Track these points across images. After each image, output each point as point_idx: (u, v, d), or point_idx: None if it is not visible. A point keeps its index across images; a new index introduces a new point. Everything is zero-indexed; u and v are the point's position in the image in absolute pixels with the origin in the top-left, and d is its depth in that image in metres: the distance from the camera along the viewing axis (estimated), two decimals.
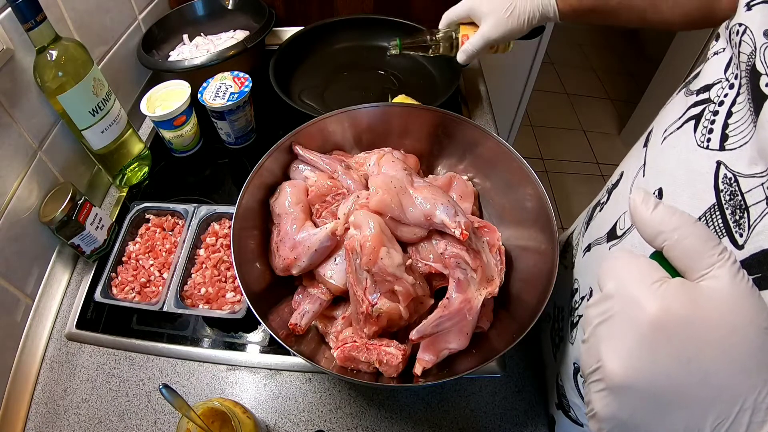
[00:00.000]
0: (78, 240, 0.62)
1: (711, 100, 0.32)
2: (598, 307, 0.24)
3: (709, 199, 0.30)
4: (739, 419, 0.21)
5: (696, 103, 0.33)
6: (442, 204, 0.47)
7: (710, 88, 0.32)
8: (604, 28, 2.88)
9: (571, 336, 0.47)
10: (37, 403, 0.57)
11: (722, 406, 0.21)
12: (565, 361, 0.47)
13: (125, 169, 0.75)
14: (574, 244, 0.52)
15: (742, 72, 0.29)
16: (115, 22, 0.81)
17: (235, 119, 0.76)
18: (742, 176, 0.28)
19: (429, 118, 0.59)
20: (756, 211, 0.27)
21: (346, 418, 0.54)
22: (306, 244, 0.49)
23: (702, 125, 0.32)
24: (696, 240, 0.23)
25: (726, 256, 0.22)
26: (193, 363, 0.59)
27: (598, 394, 0.23)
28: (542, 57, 1.57)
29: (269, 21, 0.87)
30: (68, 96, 0.61)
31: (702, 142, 0.31)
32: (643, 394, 0.22)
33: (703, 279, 0.22)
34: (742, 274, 0.22)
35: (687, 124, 0.33)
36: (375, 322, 0.46)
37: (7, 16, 0.56)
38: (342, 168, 0.55)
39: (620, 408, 0.22)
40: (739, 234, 0.27)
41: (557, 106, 2.50)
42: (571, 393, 0.46)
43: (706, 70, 0.34)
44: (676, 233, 0.23)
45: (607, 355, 0.23)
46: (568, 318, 0.48)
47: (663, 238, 0.23)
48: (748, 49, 0.28)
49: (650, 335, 0.21)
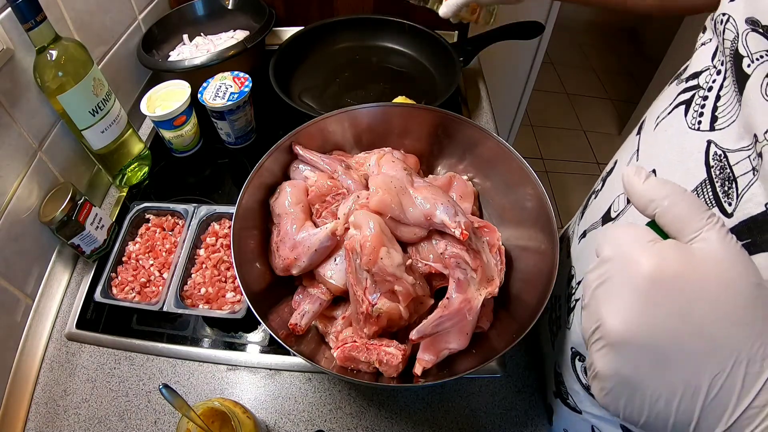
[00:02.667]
0: (78, 240, 0.62)
1: (700, 86, 0.33)
2: (596, 271, 0.25)
3: (699, 176, 0.31)
4: (735, 371, 0.21)
5: (685, 89, 0.35)
6: (442, 204, 0.47)
7: (698, 75, 0.34)
8: (604, 28, 2.88)
9: (568, 321, 0.47)
10: (37, 403, 0.57)
11: (718, 359, 0.21)
12: (563, 348, 0.47)
13: (125, 169, 0.75)
14: (570, 233, 0.52)
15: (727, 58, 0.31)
16: (115, 22, 0.81)
17: (235, 119, 0.76)
18: (730, 151, 0.29)
19: (429, 118, 0.59)
20: (743, 181, 0.28)
21: (346, 418, 0.54)
22: (306, 244, 0.49)
23: (692, 109, 0.33)
24: (686, 206, 0.24)
25: (714, 220, 0.23)
26: (193, 363, 0.59)
27: (599, 352, 0.24)
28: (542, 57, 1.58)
29: (269, 21, 0.87)
30: (68, 96, 0.61)
31: (693, 125, 0.33)
32: (642, 349, 0.23)
33: (693, 242, 0.23)
34: (731, 237, 0.23)
35: (677, 108, 0.35)
36: (375, 322, 0.46)
37: (7, 16, 0.56)
38: (342, 168, 0.55)
39: (621, 364, 0.23)
40: (728, 203, 0.29)
41: (557, 106, 2.50)
42: (569, 379, 0.46)
43: (695, 60, 0.36)
44: (666, 200, 0.24)
45: (607, 313, 0.23)
46: (566, 305, 0.48)
47: (655, 205, 0.25)
48: (731, 35, 0.30)
49: (647, 290, 0.22)
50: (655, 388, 0.23)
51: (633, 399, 0.23)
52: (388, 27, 0.94)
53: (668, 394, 0.22)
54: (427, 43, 0.91)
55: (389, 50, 0.95)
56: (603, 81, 2.65)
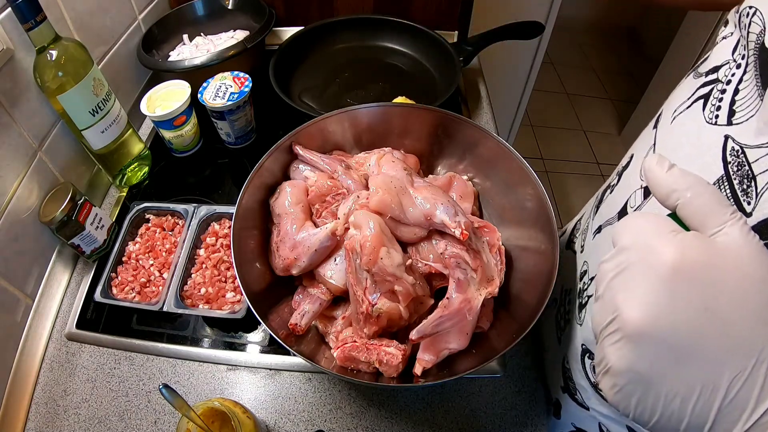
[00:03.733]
0: (78, 240, 0.62)
1: (719, 80, 0.33)
2: (614, 260, 0.24)
3: (717, 172, 0.30)
4: (755, 372, 0.20)
5: (705, 83, 0.34)
6: (442, 204, 0.47)
7: (718, 69, 0.34)
8: (604, 28, 2.88)
9: (579, 317, 0.47)
10: (37, 403, 0.57)
11: (739, 357, 0.21)
12: (573, 344, 0.47)
13: (125, 169, 0.75)
14: (583, 228, 0.52)
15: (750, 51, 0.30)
16: (115, 22, 0.81)
17: (235, 119, 0.76)
18: (748, 147, 0.29)
19: (429, 118, 0.59)
20: (763, 180, 0.27)
21: (346, 418, 0.54)
22: (306, 244, 0.49)
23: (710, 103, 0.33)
24: (709, 199, 0.23)
25: (737, 216, 0.22)
26: (193, 363, 0.59)
27: (613, 346, 0.23)
28: (542, 57, 1.58)
29: (269, 21, 0.87)
30: (68, 96, 0.61)
31: (710, 119, 0.32)
32: (661, 343, 0.21)
33: (716, 236, 0.22)
34: (753, 234, 0.22)
35: (696, 103, 0.34)
36: (375, 322, 0.46)
37: (7, 16, 0.56)
38: (342, 168, 0.55)
39: (638, 359, 0.22)
40: (746, 202, 0.28)
41: (557, 106, 2.50)
42: (577, 375, 0.46)
43: (715, 54, 0.35)
44: (689, 192, 0.23)
45: (625, 303, 0.22)
46: (576, 300, 0.48)
47: (677, 196, 0.24)
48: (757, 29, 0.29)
49: (669, 281, 0.21)
50: (671, 386, 0.21)
51: (646, 397, 0.22)
52: (388, 27, 0.94)
53: (685, 393, 0.21)
54: (427, 43, 0.91)
55: (389, 50, 0.95)
56: (603, 81, 2.65)
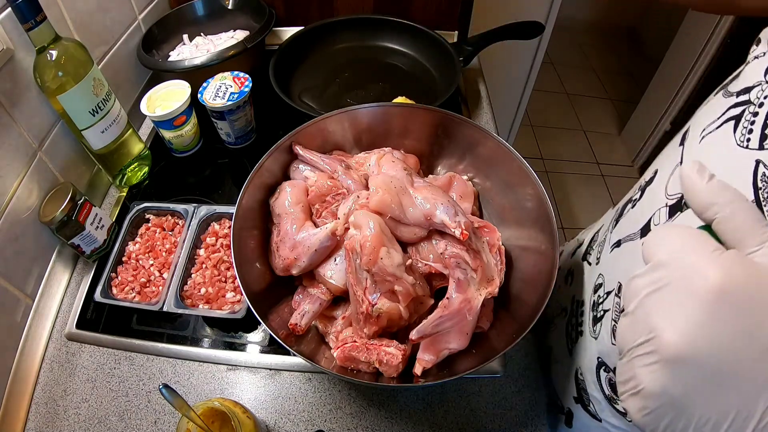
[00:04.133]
0: (78, 240, 0.62)
1: (751, 102, 0.32)
2: (648, 276, 0.23)
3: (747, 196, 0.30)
4: None
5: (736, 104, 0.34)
6: (442, 204, 0.47)
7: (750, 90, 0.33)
8: (604, 28, 2.88)
9: (593, 331, 0.46)
10: (37, 403, 0.57)
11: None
12: (587, 356, 0.47)
13: (125, 169, 0.75)
14: (600, 240, 0.51)
15: None
16: (115, 22, 0.81)
17: (235, 119, 0.76)
18: None
19: (429, 118, 0.59)
20: None
21: (346, 418, 0.54)
22: (306, 244, 0.49)
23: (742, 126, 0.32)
24: (748, 215, 0.22)
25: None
26: (193, 363, 0.59)
27: (647, 368, 0.22)
28: (542, 57, 1.58)
29: (269, 21, 0.87)
30: (68, 96, 0.61)
31: (742, 142, 0.31)
32: (700, 368, 0.21)
33: (753, 254, 0.22)
34: None
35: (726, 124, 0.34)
36: (375, 322, 0.46)
37: (7, 16, 0.56)
38: (342, 168, 0.55)
39: (673, 383, 0.21)
40: None
41: (557, 106, 2.50)
42: (591, 387, 0.46)
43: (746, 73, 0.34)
44: (728, 207, 0.23)
45: (663, 324, 0.21)
46: (590, 313, 0.48)
47: (715, 210, 0.23)
48: None
49: (713, 304, 0.21)
50: (704, 412, 0.21)
51: (677, 421, 0.22)
52: (388, 27, 0.94)
53: (717, 418, 0.21)
54: (427, 43, 0.91)
55: (389, 50, 0.96)
56: (603, 81, 2.65)
